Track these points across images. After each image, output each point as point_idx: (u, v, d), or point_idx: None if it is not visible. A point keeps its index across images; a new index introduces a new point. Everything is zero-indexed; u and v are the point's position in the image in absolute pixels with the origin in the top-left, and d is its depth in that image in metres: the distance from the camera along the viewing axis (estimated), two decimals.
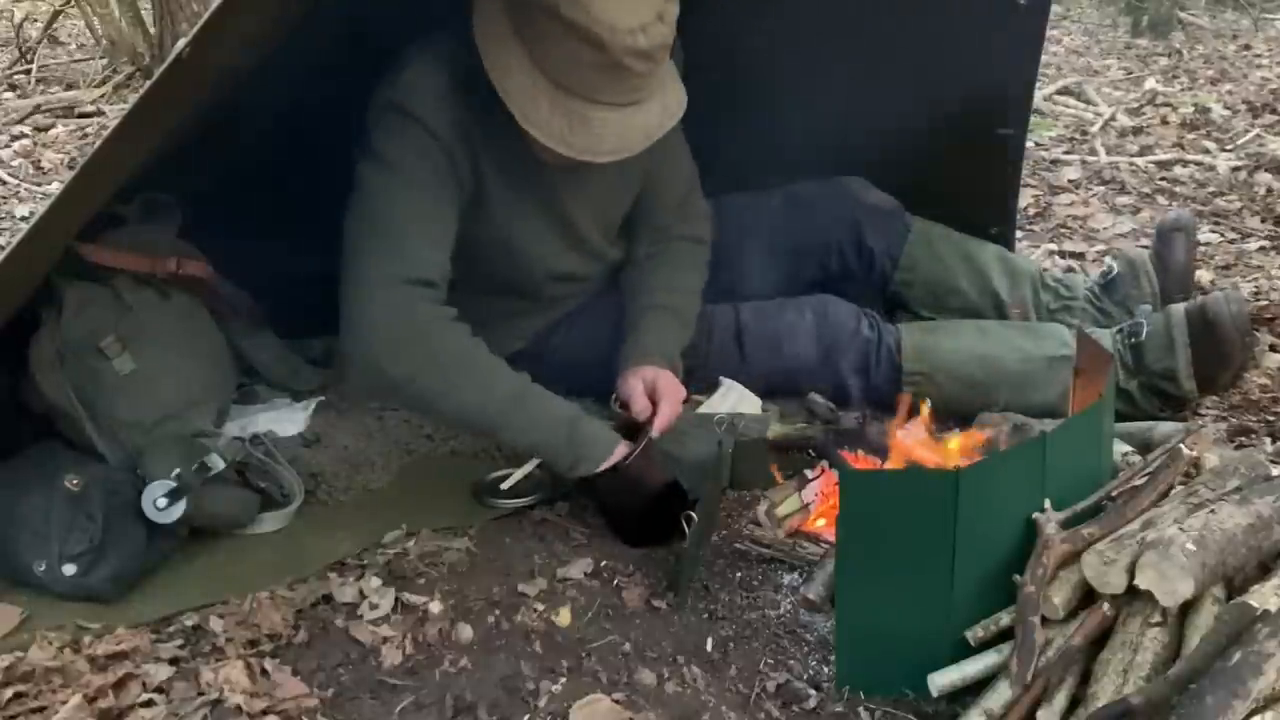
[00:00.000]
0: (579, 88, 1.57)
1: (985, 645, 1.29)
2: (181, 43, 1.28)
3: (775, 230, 2.21)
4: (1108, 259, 2.36)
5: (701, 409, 1.92)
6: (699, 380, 1.96)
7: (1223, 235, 3.08)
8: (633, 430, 1.74)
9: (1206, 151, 4.01)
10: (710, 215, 2.10)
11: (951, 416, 1.94)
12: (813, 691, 1.35)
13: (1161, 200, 3.48)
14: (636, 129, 1.63)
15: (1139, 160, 3.92)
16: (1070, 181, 3.71)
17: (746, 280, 2.15)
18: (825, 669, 1.39)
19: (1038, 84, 2.78)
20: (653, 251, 2.02)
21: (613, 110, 1.59)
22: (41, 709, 1.29)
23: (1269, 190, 3.46)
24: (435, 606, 1.49)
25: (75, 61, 6.21)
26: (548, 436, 1.68)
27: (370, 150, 1.69)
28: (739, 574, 1.59)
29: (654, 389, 1.78)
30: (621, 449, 1.68)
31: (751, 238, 2.20)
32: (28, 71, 5.78)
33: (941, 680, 1.28)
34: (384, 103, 1.68)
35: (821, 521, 1.69)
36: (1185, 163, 3.87)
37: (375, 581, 1.54)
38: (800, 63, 2.17)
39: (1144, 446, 1.67)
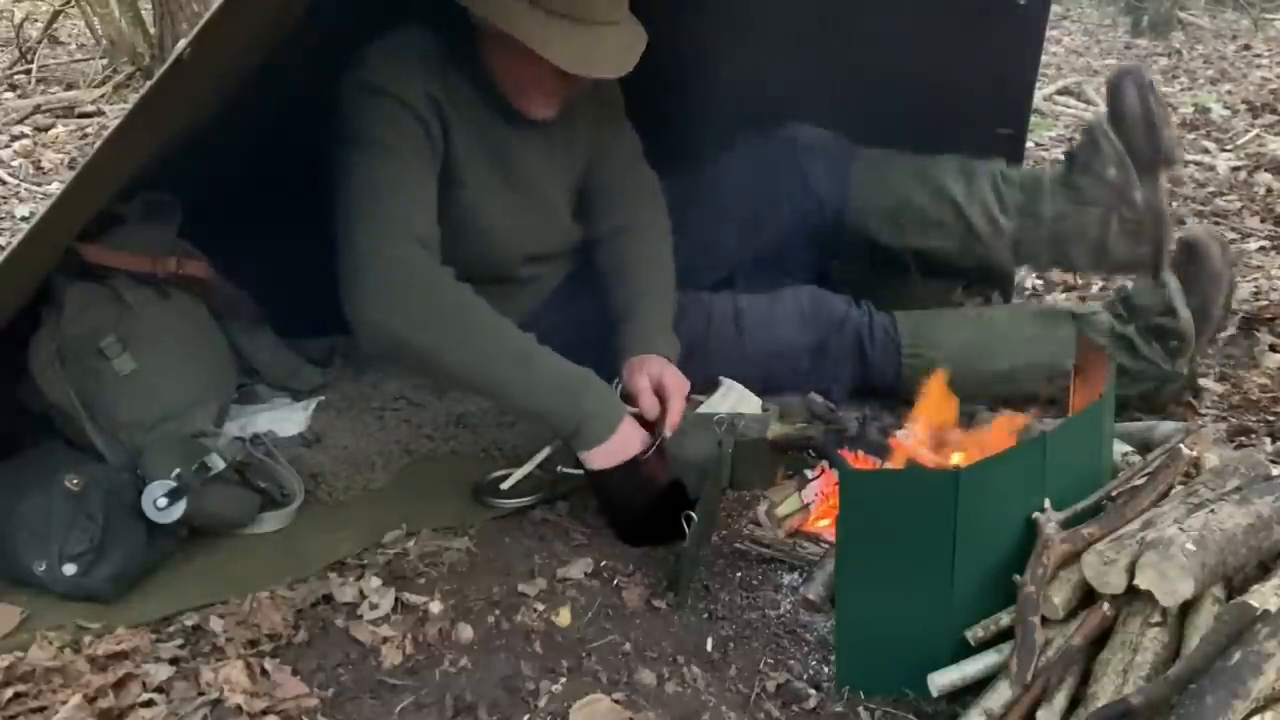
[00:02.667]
0: (575, 10, 1.63)
1: (985, 645, 1.29)
2: (182, 43, 1.28)
3: (724, 198, 2.21)
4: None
5: (701, 409, 1.92)
6: (699, 366, 1.95)
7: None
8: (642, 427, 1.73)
9: (1206, 151, 4.01)
10: (656, 179, 2.10)
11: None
12: (813, 691, 1.35)
13: None
14: (625, 47, 1.70)
15: None
16: None
17: (711, 252, 2.15)
18: (825, 669, 1.39)
19: (1038, 84, 2.78)
20: (616, 226, 2.02)
21: (604, 28, 1.66)
22: (41, 709, 1.29)
23: (1269, 190, 3.46)
24: (435, 606, 1.49)
25: (75, 61, 6.21)
26: (553, 398, 1.64)
27: (345, 133, 1.71)
28: (739, 574, 1.59)
29: (660, 384, 1.78)
30: (630, 429, 1.66)
31: (704, 210, 2.19)
32: (28, 71, 5.78)
33: (941, 680, 1.28)
34: (352, 83, 1.71)
35: (822, 522, 1.69)
36: (1185, 163, 3.87)
37: (375, 581, 1.54)
38: (800, 63, 2.17)
39: (1144, 446, 1.67)
